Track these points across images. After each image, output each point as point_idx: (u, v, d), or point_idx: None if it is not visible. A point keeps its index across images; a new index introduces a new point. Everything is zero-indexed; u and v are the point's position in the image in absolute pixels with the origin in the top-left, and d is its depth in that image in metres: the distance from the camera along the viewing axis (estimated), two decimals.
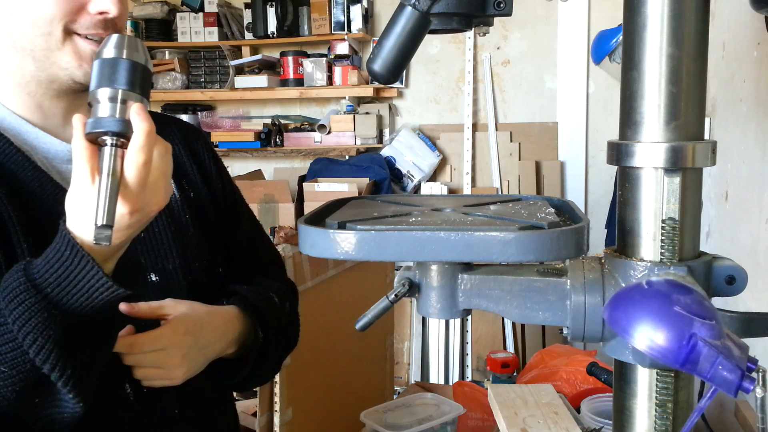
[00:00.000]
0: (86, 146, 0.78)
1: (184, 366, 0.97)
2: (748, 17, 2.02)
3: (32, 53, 0.96)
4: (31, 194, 0.96)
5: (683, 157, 0.73)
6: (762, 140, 1.90)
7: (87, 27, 0.95)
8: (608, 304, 0.69)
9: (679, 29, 0.73)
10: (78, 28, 0.95)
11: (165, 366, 0.95)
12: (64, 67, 0.96)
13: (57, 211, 0.96)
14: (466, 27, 0.81)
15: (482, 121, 4.07)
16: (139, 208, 0.80)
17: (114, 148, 0.78)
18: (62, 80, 0.98)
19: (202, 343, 1.00)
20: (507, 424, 1.43)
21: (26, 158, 0.97)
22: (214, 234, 1.16)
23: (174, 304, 0.99)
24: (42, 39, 0.94)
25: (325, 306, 2.09)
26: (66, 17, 0.94)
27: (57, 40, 0.94)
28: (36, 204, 0.96)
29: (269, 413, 1.88)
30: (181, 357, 0.96)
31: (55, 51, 0.95)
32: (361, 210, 0.87)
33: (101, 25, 0.96)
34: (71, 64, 0.96)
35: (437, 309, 0.78)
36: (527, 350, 3.81)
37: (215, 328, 1.03)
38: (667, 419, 0.75)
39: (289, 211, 3.78)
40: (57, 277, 0.80)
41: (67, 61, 0.96)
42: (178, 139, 1.17)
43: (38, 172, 0.97)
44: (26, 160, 0.97)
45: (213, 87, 4.28)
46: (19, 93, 0.99)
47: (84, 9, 0.95)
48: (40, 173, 0.97)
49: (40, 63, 0.96)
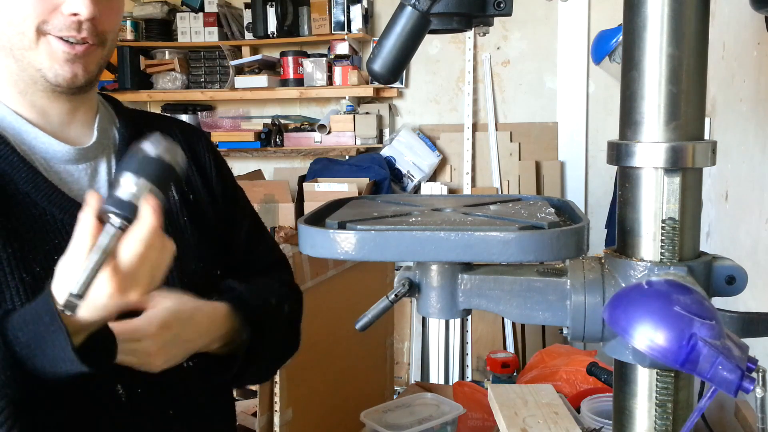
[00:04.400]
0: (92, 222, 0.80)
1: (162, 356, 0.96)
2: (748, 17, 2.02)
3: (11, 52, 0.96)
4: (25, 195, 0.95)
5: (683, 157, 0.73)
6: (762, 140, 1.90)
7: (59, 28, 0.95)
8: (608, 304, 0.69)
9: (679, 29, 0.73)
10: (51, 28, 0.95)
11: (139, 356, 0.94)
12: (38, 67, 0.96)
13: (51, 213, 0.96)
14: (466, 27, 0.81)
15: (482, 121, 4.07)
16: (121, 293, 0.81)
17: (116, 229, 0.80)
18: (39, 80, 0.97)
19: (183, 338, 0.99)
20: (507, 424, 1.43)
21: (21, 159, 0.97)
22: (213, 236, 1.15)
23: (160, 297, 0.99)
24: (17, 38, 0.95)
25: (325, 306, 2.09)
26: (39, 17, 0.94)
27: (30, 40, 0.95)
28: (29, 205, 0.95)
29: (269, 413, 1.88)
30: (158, 348, 0.95)
31: (29, 51, 0.95)
32: (361, 210, 0.87)
33: (74, 26, 0.95)
34: (44, 65, 0.96)
35: (437, 309, 0.78)
36: (527, 350, 3.81)
37: (198, 323, 1.02)
38: (667, 419, 0.75)
39: (289, 211, 3.78)
40: (28, 338, 0.82)
41: (40, 62, 0.96)
42: (178, 141, 1.16)
43: (33, 173, 0.97)
44: (21, 161, 0.96)
45: (213, 87, 4.28)
46: (13, 91, 1.00)
47: (57, 9, 0.95)
48: (35, 174, 0.97)
49: (19, 63, 0.97)
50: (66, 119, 1.03)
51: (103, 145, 1.06)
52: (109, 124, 1.10)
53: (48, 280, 0.90)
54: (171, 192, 1.10)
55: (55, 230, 0.96)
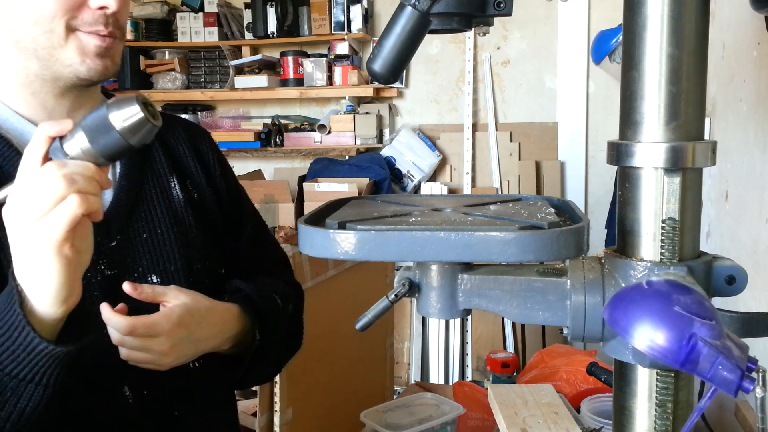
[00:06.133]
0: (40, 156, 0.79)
1: (173, 355, 0.96)
2: (748, 17, 2.02)
3: (35, 52, 0.96)
4: None
5: (683, 157, 0.73)
6: (762, 140, 1.90)
7: (89, 23, 0.95)
8: (608, 304, 0.69)
9: (679, 29, 0.73)
10: (80, 24, 0.95)
11: (152, 352, 0.94)
12: (68, 63, 0.96)
13: None
14: (466, 27, 0.81)
15: (482, 121, 4.07)
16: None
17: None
18: (67, 77, 0.98)
19: (196, 337, 0.99)
20: (507, 424, 1.43)
21: None
22: (218, 235, 1.15)
23: (177, 292, 0.98)
24: (45, 37, 0.94)
25: (325, 306, 2.09)
26: (67, 14, 0.94)
27: (60, 37, 0.95)
28: None
29: (269, 413, 1.88)
30: (171, 346, 0.95)
31: (58, 48, 0.95)
32: (361, 210, 0.87)
33: (102, 20, 0.96)
34: (75, 61, 0.96)
35: (437, 309, 0.78)
36: (527, 350, 3.81)
37: (212, 324, 1.02)
38: (667, 419, 0.75)
39: (289, 211, 3.78)
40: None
41: (70, 58, 0.96)
42: (183, 140, 1.17)
43: None
44: None
45: (213, 87, 4.28)
46: (24, 93, 0.99)
47: (85, 4, 0.95)
48: None
49: (44, 62, 0.96)
50: (71, 117, 1.02)
51: None
52: None
53: None
54: (175, 190, 1.10)
55: None
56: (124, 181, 1.06)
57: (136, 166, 1.08)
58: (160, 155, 1.12)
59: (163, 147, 1.13)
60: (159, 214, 1.07)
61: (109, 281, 0.99)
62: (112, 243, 1.02)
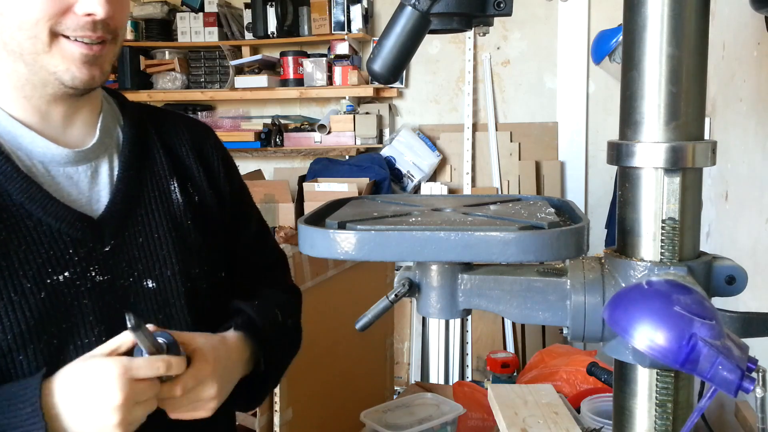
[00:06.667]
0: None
1: (220, 396, 0.96)
2: (748, 17, 2.02)
3: (22, 56, 0.93)
4: (20, 207, 0.92)
5: (683, 157, 0.73)
6: (762, 140, 1.90)
7: (74, 29, 0.92)
8: (608, 304, 0.69)
9: (679, 29, 0.73)
10: (65, 30, 0.92)
11: (203, 399, 0.93)
12: (52, 71, 0.93)
13: (47, 223, 0.93)
14: (466, 27, 0.81)
15: (482, 121, 4.07)
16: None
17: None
18: (53, 84, 0.95)
19: (229, 370, 0.99)
20: (507, 424, 1.43)
21: (15, 168, 0.93)
22: (219, 237, 1.13)
23: (191, 336, 0.96)
24: (29, 42, 0.91)
25: (325, 306, 2.09)
26: (51, 19, 0.91)
27: (43, 42, 0.91)
28: (23, 216, 0.92)
29: (269, 413, 1.89)
30: (217, 389, 0.95)
31: (43, 54, 0.92)
32: (361, 210, 0.87)
33: (89, 26, 0.92)
34: (59, 68, 0.93)
35: (437, 309, 0.78)
36: (527, 350, 3.81)
37: (231, 356, 1.01)
38: (667, 419, 0.75)
39: (289, 211, 3.77)
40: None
41: (55, 65, 0.93)
42: (186, 140, 1.14)
43: (27, 183, 0.93)
44: (15, 170, 0.93)
45: (213, 87, 4.28)
46: (17, 96, 0.97)
47: (70, 10, 0.91)
48: (30, 184, 0.94)
49: (30, 66, 0.93)
50: (68, 120, 1.01)
51: (105, 145, 1.04)
52: (113, 123, 1.07)
53: (38, 296, 0.90)
54: (175, 193, 1.10)
55: (51, 241, 0.93)
56: (121, 185, 1.03)
57: (134, 168, 1.05)
58: (160, 156, 1.09)
59: (164, 148, 1.11)
60: (157, 218, 1.05)
61: (100, 288, 0.97)
62: (105, 248, 0.98)
